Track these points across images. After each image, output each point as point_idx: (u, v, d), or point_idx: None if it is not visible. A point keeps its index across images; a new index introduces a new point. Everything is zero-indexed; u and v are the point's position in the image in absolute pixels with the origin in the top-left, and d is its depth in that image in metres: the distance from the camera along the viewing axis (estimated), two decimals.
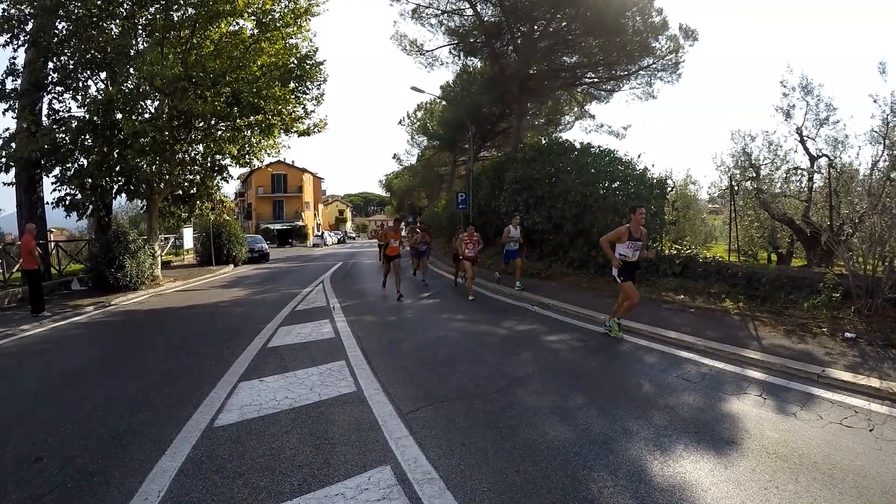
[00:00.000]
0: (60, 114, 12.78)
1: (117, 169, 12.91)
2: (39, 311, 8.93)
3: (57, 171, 12.38)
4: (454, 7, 18.80)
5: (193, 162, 15.13)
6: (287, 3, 14.23)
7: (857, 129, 31.89)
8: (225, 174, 15.72)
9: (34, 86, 12.44)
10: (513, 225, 10.56)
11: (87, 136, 12.33)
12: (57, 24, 12.55)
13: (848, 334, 5.66)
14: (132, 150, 11.90)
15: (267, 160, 16.71)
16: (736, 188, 10.33)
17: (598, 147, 13.08)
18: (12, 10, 12.05)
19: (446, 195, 31.98)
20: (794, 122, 9.83)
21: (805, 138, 9.76)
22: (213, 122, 13.86)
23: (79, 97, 12.73)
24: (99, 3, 11.97)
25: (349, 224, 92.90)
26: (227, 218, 21.52)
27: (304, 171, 58.64)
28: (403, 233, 21.32)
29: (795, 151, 10.20)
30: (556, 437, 3.36)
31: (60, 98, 12.93)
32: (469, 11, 18.68)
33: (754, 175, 10.31)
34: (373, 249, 35.81)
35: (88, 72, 13.03)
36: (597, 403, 3.97)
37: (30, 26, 12.33)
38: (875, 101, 7.99)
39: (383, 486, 2.75)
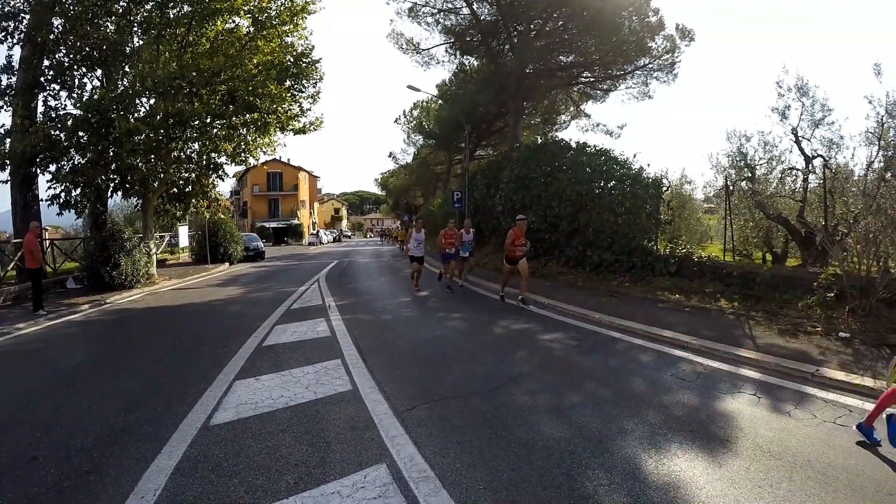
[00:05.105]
0: (56, 111, 12.68)
1: (113, 167, 12.82)
2: (37, 309, 8.88)
3: (52, 168, 12.30)
4: (450, 6, 18.79)
5: (189, 160, 15.07)
6: (283, 0, 14.20)
7: (852, 129, 32.34)
8: (220, 172, 15.68)
9: (30, 83, 12.33)
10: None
11: (83, 134, 12.25)
12: (53, 20, 12.45)
13: (842, 334, 5.69)
14: (127, 148, 11.83)
15: (263, 158, 16.74)
16: (731, 188, 10.37)
17: (594, 146, 13.08)
18: (11, 3, 11.95)
19: (442, 194, 31.97)
20: (789, 123, 9.88)
21: (800, 139, 9.82)
22: (208, 120, 13.81)
23: (74, 95, 12.64)
24: None
25: (345, 222, 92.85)
26: (223, 216, 21.46)
27: (299, 169, 58.53)
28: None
29: (791, 152, 10.24)
30: (552, 435, 3.37)
31: (56, 95, 12.85)
32: (465, 10, 18.67)
33: (750, 175, 10.35)
34: (368, 248, 35.79)
35: (84, 69, 12.95)
36: (592, 402, 3.99)
37: (25, 22, 12.23)
38: (870, 102, 8.06)
39: (379, 484, 2.76)
